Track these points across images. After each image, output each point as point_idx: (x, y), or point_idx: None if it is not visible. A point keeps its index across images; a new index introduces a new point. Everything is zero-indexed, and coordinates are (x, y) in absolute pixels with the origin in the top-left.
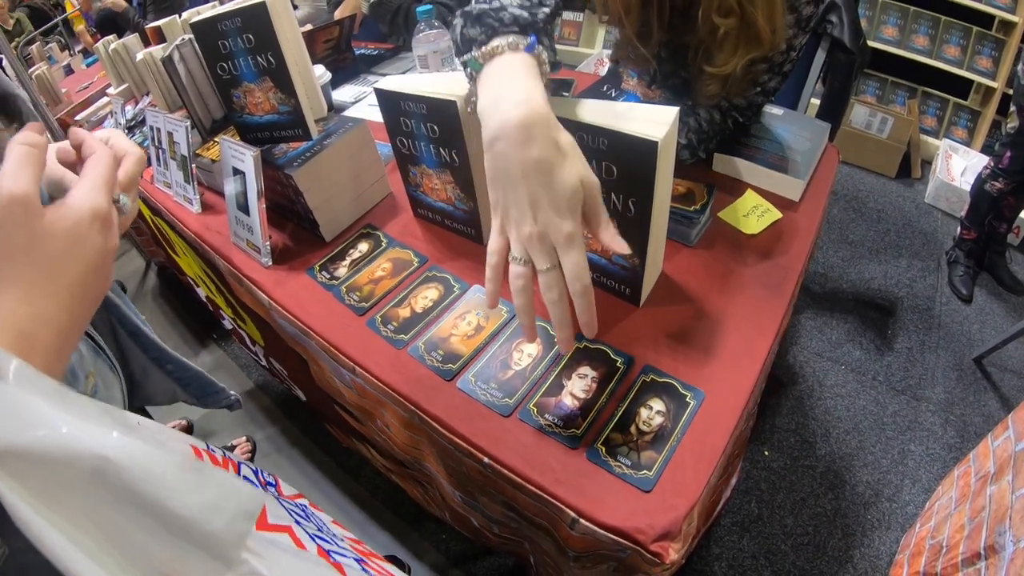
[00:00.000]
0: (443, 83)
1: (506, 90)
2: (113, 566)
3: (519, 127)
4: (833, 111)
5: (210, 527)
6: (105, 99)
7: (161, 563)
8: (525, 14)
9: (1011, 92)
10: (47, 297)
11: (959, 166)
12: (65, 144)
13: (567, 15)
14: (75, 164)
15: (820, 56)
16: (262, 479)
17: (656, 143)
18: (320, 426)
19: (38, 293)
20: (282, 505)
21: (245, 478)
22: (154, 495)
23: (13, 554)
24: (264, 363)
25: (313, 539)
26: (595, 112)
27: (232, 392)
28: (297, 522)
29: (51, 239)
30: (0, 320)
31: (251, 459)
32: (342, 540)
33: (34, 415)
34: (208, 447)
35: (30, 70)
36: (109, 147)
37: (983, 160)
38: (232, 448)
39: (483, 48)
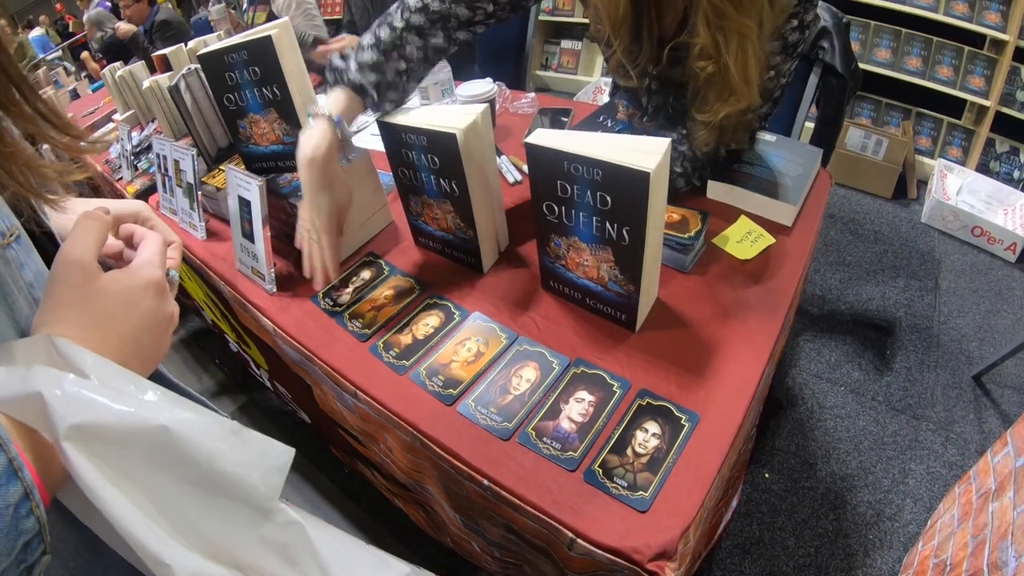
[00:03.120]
0: (444, 116)
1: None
2: (165, 526)
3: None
4: (826, 136)
5: (249, 481)
6: (111, 125)
7: (205, 530)
8: (358, 79)
9: (1005, 111)
10: (98, 341)
11: (954, 185)
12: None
13: (565, 43)
14: (120, 254)
15: (813, 81)
16: None
17: (648, 173)
18: (323, 450)
19: (91, 336)
20: None
21: None
22: (204, 457)
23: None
24: (268, 387)
25: None
26: (590, 144)
27: (226, 417)
28: None
29: (105, 296)
30: None
31: None
32: None
33: (103, 396)
34: None
35: None
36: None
37: (978, 178)
38: None
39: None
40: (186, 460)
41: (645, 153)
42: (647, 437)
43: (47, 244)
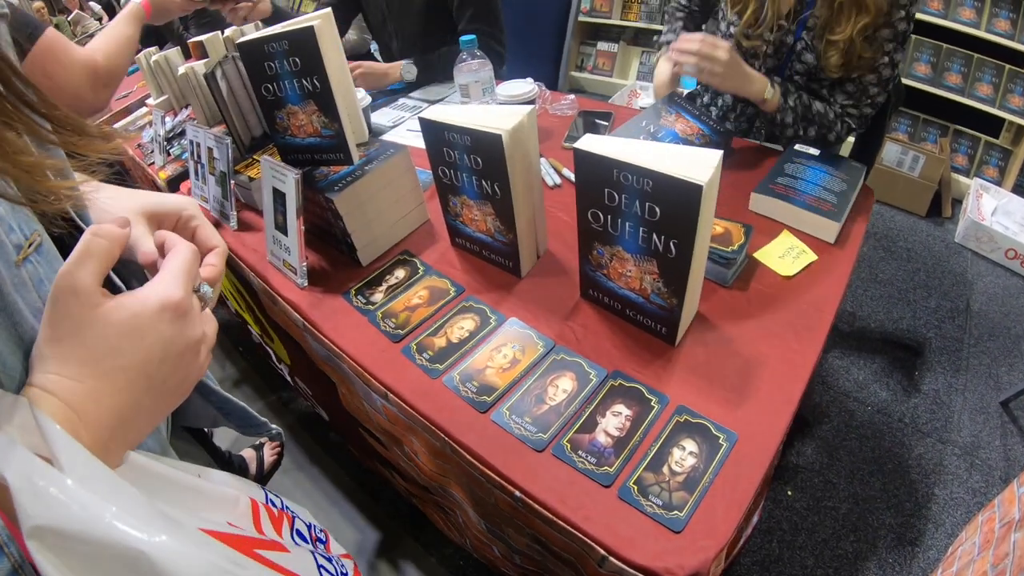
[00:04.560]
0: (489, 116)
1: None
2: None
3: None
4: (867, 150)
5: None
6: (144, 109)
7: None
8: None
9: None
10: (98, 378)
11: (989, 205)
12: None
13: (602, 45)
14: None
15: None
16: (313, 535)
17: (701, 186)
18: (342, 446)
19: (88, 373)
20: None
21: (297, 532)
22: None
23: None
24: (289, 381)
25: None
26: (641, 153)
27: (274, 426)
28: None
29: (106, 327)
30: (49, 391)
31: (280, 455)
32: None
33: (81, 501)
34: (267, 500)
35: None
36: (190, 242)
37: (1014, 200)
38: (261, 446)
39: None
40: None
41: (697, 165)
42: (684, 455)
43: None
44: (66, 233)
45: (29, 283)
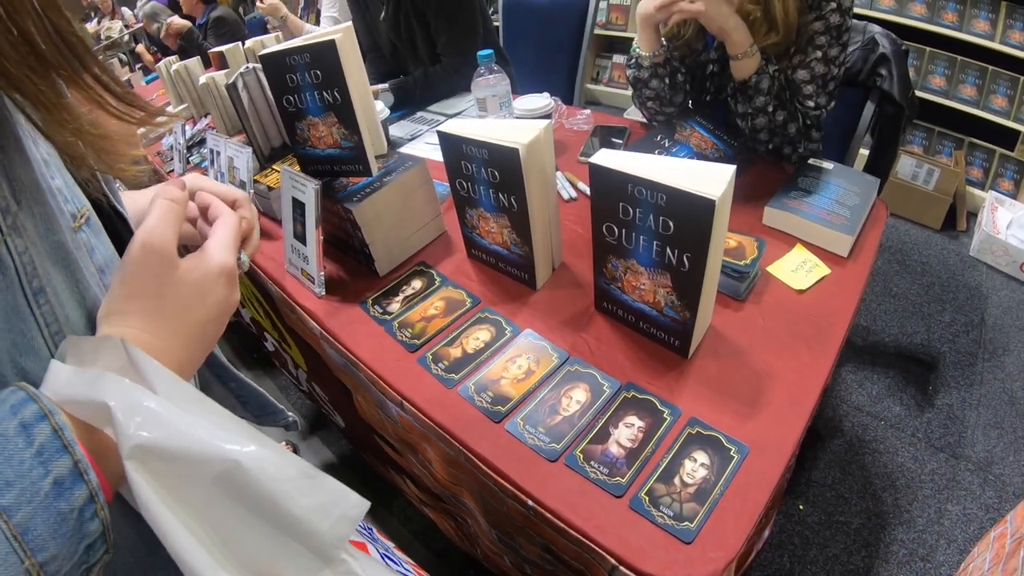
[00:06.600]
0: (506, 130)
1: None
2: (218, 555)
3: None
4: (881, 164)
5: (317, 527)
6: (164, 117)
7: (261, 563)
8: None
9: None
10: (170, 334)
11: (1005, 219)
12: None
13: (617, 58)
14: (195, 220)
15: (869, 109)
16: None
17: (714, 201)
18: (354, 454)
19: (163, 329)
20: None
21: None
22: (273, 497)
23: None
24: (304, 387)
25: (383, 558)
26: (655, 168)
27: (290, 413)
28: (370, 541)
29: (182, 286)
30: (132, 342)
31: None
32: (406, 564)
33: (175, 417)
34: None
35: None
36: (234, 211)
37: None
38: None
39: None
40: (253, 495)
41: (710, 180)
42: (696, 467)
43: (116, 223)
44: (110, 211)
45: (84, 248)
